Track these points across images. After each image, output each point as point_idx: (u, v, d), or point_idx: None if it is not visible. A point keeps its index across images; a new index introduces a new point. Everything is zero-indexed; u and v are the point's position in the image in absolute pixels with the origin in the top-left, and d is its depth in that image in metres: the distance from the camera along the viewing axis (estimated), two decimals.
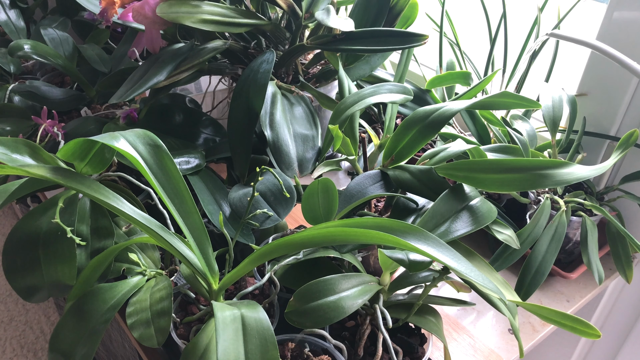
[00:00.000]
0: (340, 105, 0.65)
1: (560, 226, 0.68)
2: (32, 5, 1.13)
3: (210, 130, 0.78)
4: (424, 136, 0.61)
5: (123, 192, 0.63)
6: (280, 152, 0.63)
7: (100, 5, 0.72)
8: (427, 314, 0.57)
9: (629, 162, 0.82)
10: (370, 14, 0.76)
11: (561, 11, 0.84)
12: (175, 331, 0.56)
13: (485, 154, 0.65)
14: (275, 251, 0.46)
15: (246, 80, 0.66)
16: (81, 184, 0.46)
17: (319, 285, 0.50)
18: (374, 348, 0.55)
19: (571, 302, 0.77)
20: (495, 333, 0.72)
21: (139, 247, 0.62)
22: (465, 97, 0.79)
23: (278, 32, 0.76)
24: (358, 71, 0.81)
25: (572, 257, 0.81)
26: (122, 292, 0.53)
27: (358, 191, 0.61)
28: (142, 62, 0.76)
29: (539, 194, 0.77)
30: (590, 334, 0.52)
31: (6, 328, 1.72)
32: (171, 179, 0.49)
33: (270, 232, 0.67)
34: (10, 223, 2.12)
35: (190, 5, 0.67)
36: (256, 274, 0.62)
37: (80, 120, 0.79)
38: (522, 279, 0.65)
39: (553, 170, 0.55)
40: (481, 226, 0.55)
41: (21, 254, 0.53)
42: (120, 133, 0.47)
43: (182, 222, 0.49)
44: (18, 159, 0.55)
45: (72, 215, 0.56)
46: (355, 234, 0.41)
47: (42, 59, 0.86)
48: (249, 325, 0.41)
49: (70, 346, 0.49)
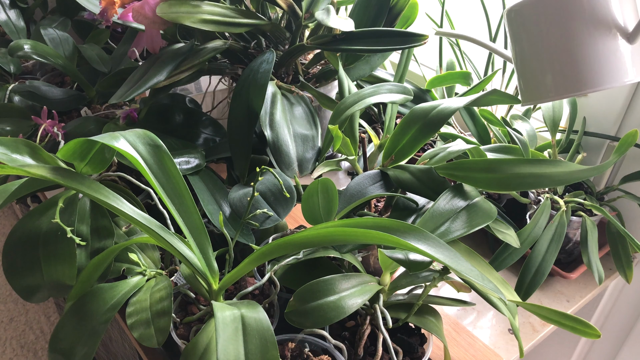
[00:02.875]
0: (340, 105, 0.65)
1: (560, 226, 0.68)
2: (32, 5, 1.13)
3: (210, 130, 0.78)
4: (423, 135, 0.61)
5: (123, 192, 0.63)
6: (280, 152, 0.63)
7: (100, 5, 0.72)
8: (427, 314, 0.57)
9: (629, 162, 0.82)
10: (370, 14, 0.76)
11: None
12: (175, 331, 0.56)
13: (485, 154, 0.65)
14: (275, 251, 0.46)
15: (246, 80, 0.66)
16: (81, 184, 0.46)
17: (319, 285, 0.50)
18: (374, 348, 0.55)
19: (571, 302, 0.77)
20: (495, 333, 0.72)
21: (139, 247, 0.62)
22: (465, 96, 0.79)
23: (278, 32, 0.76)
24: (358, 71, 0.81)
25: (572, 257, 0.81)
26: (122, 292, 0.53)
27: (358, 191, 0.61)
28: (142, 62, 0.76)
29: (539, 194, 0.77)
30: (590, 334, 0.52)
31: (6, 328, 1.72)
32: (171, 179, 0.49)
33: (270, 232, 0.67)
34: (10, 223, 2.12)
35: (190, 5, 0.67)
36: (256, 274, 0.62)
37: (80, 120, 0.79)
38: (522, 279, 0.65)
39: (553, 170, 0.55)
40: (481, 226, 0.55)
41: (21, 254, 0.53)
42: (120, 133, 0.47)
43: (182, 222, 0.49)
44: (18, 159, 0.55)
45: (72, 215, 0.56)
46: (355, 234, 0.41)
47: (42, 59, 0.86)
48: (249, 325, 0.41)
49: (70, 346, 0.49)
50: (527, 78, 0.57)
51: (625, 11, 0.53)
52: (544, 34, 0.55)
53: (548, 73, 0.55)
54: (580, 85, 0.53)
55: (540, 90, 0.56)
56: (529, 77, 0.57)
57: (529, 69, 0.57)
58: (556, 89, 0.55)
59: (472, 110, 0.80)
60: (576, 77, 0.53)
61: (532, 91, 0.58)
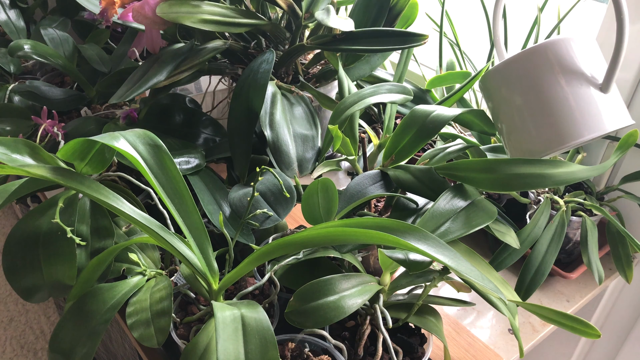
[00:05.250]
0: (340, 105, 0.65)
1: (560, 226, 0.68)
2: (32, 5, 1.13)
3: (210, 130, 0.78)
4: (423, 136, 0.61)
5: (123, 192, 0.63)
6: (280, 152, 0.63)
7: (100, 5, 0.72)
8: (427, 314, 0.57)
9: (629, 162, 0.82)
10: (370, 14, 0.76)
11: (561, 11, 0.84)
12: (175, 331, 0.56)
13: (486, 154, 0.65)
14: (275, 251, 0.46)
15: (246, 80, 0.66)
16: (81, 184, 0.46)
17: (319, 285, 0.50)
18: (374, 348, 0.55)
19: (571, 302, 0.77)
20: (495, 333, 0.72)
21: (139, 247, 0.62)
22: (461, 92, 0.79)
23: (278, 32, 0.76)
24: (358, 71, 0.81)
25: (572, 257, 0.81)
26: (122, 292, 0.53)
27: (358, 191, 0.61)
28: (142, 62, 0.76)
29: (539, 194, 0.77)
30: (590, 334, 0.52)
31: (6, 328, 1.72)
32: (171, 179, 0.49)
33: (270, 232, 0.67)
34: (10, 223, 2.12)
35: (190, 5, 0.67)
36: (256, 274, 0.62)
37: (80, 120, 0.79)
38: (522, 279, 0.65)
39: (553, 170, 0.55)
40: (481, 226, 0.55)
41: (21, 254, 0.53)
42: (120, 133, 0.47)
43: (182, 222, 0.49)
44: (18, 159, 0.55)
45: (72, 215, 0.56)
46: (355, 234, 0.41)
47: (42, 59, 0.86)
48: (249, 325, 0.41)
49: (70, 346, 0.49)
50: (510, 140, 0.58)
51: (592, 64, 0.54)
52: (522, 94, 0.56)
53: (531, 131, 0.56)
54: (563, 139, 0.54)
55: (525, 150, 0.57)
56: (511, 139, 0.58)
57: (511, 130, 0.58)
58: (541, 145, 0.56)
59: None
60: (558, 131, 0.54)
61: (517, 150, 0.58)
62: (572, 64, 0.54)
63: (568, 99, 0.53)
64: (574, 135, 0.53)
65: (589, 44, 0.56)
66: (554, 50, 0.55)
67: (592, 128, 0.53)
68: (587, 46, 0.56)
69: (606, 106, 0.54)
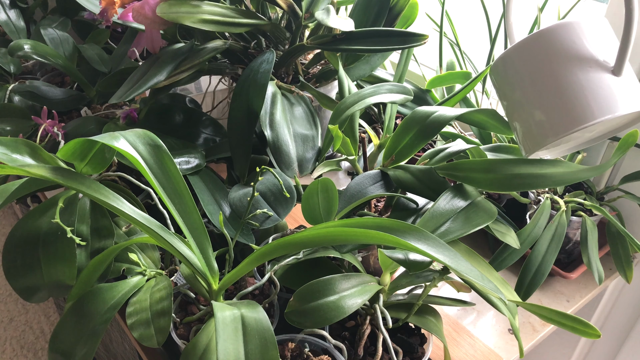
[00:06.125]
0: (340, 105, 0.65)
1: (560, 226, 0.68)
2: (32, 5, 1.13)
3: (210, 130, 0.78)
4: (424, 137, 0.61)
5: (123, 192, 0.63)
6: (280, 152, 0.63)
7: (100, 5, 0.72)
8: (427, 314, 0.57)
9: (629, 162, 0.82)
10: (370, 14, 0.76)
11: (561, 11, 0.84)
12: (175, 331, 0.56)
13: (486, 154, 0.65)
14: (275, 251, 0.46)
15: (246, 80, 0.66)
16: (81, 184, 0.46)
17: (319, 285, 0.50)
18: (374, 348, 0.55)
19: (571, 302, 0.77)
20: (495, 333, 0.72)
21: (139, 247, 0.62)
22: (462, 92, 0.79)
23: (278, 32, 0.76)
24: (358, 71, 0.81)
25: (572, 257, 0.81)
26: (122, 292, 0.53)
27: (358, 191, 0.61)
28: (142, 62, 0.76)
29: (539, 194, 0.77)
30: (590, 334, 0.52)
31: (6, 328, 1.72)
32: (171, 179, 0.49)
33: (270, 232, 0.67)
34: (10, 223, 2.12)
35: (190, 5, 0.67)
36: (256, 274, 0.62)
37: (80, 120, 0.79)
38: (522, 279, 0.65)
39: (553, 170, 0.55)
40: (481, 226, 0.55)
41: (21, 254, 0.53)
42: (120, 133, 0.47)
43: (182, 222, 0.49)
44: (18, 159, 0.55)
45: (72, 215, 0.56)
46: (355, 234, 0.41)
47: (42, 59, 0.86)
48: (249, 325, 0.41)
49: (70, 346, 0.49)
50: (523, 126, 0.58)
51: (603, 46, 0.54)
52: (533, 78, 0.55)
53: (542, 115, 0.55)
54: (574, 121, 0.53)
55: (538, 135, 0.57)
56: (524, 125, 0.58)
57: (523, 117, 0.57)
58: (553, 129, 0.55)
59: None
60: (569, 114, 0.53)
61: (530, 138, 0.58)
62: (582, 47, 0.53)
63: (579, 81, 0.53)
64: (584, 118, 0.53)
65: (601, 26, 0.56)
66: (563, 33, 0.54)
67: (604, 110, 0.52)
68: (597, 28, 0.55)
69: (619, 89, 0.53)
